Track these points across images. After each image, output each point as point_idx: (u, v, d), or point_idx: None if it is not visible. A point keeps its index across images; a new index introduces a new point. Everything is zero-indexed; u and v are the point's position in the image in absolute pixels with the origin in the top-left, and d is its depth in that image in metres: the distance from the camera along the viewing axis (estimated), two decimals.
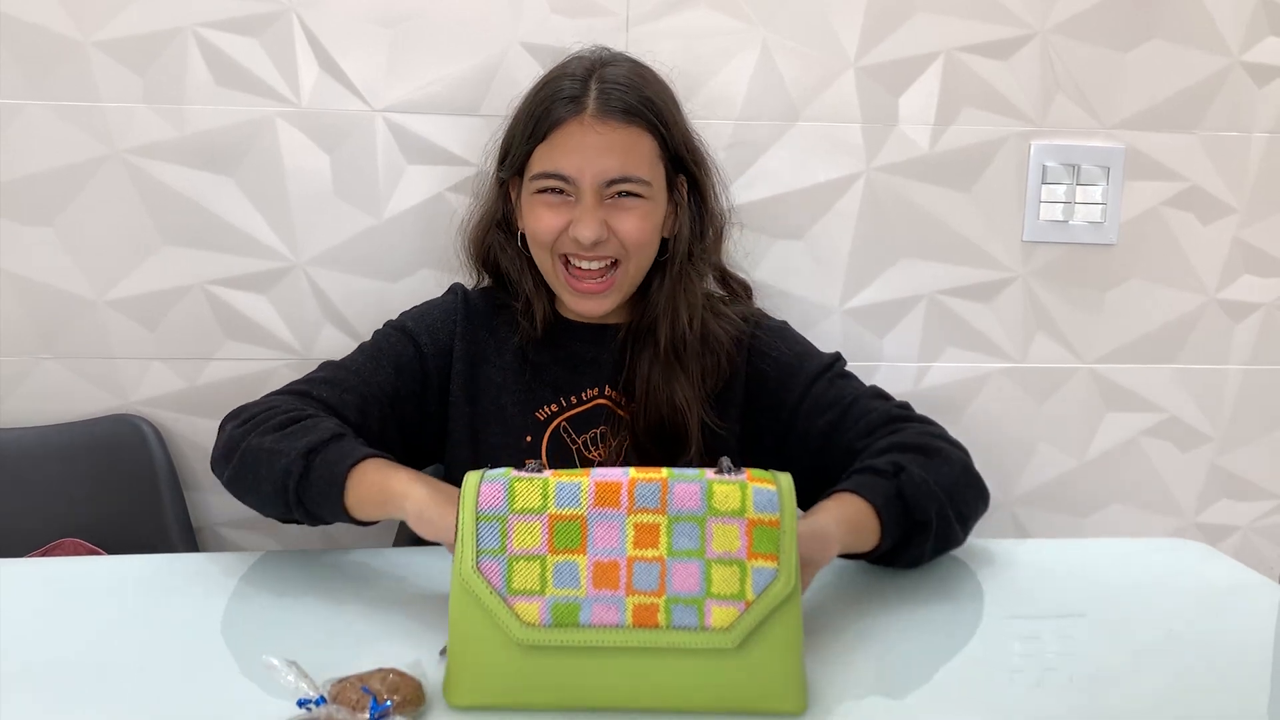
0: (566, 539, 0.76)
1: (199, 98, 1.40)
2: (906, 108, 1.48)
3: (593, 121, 1.12)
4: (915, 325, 1.53)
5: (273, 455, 1.01)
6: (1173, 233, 1.54)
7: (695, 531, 0.76)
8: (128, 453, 1.44)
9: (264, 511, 1.06)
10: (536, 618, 0.75)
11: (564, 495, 0.77)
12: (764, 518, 0.76)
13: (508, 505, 0.77)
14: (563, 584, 0.75)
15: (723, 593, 0.75)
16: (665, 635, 0.75)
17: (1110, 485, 1.61)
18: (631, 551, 0.75)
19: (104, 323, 1.45)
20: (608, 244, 1.14)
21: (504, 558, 0.76)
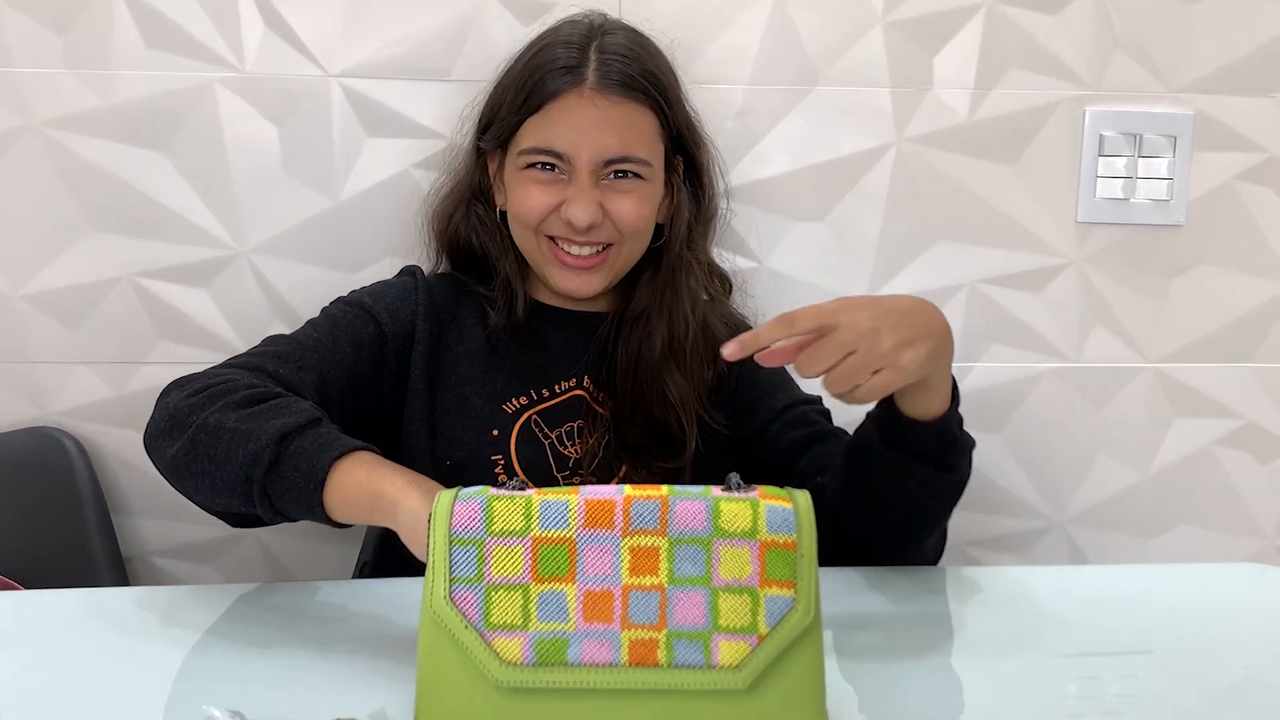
0: (553, 565, 0.75)
1: (127, 62, 1.40)
2: (942, 69, 1.48)
3: (592, 95, 1.15)
4: (954, 319, 1.51)
5: (236, 436, 0.98)
6: (1249, 211, 1.54)
7: (700, 556, 0.74)
8: (47, 470, 1.44)
9: (209, 502, 1.02)
10: (518, 656, 0.74)
11: (550, 515, 0.76)
12: (779, 539, 0.75)
13: (485, 528, 0.76)
14: (548, 617, 0.74)
15: (732, 625, 0.74)
16: (666, 675, 0.73)
17: (1179, 502, 1.61)
18: (627, 579, 0.74)
19: (19, 321, 1.44)
20: (601, 228, 1.17)
21: (481, 587, 0.75)
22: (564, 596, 0.74)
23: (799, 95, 1.47)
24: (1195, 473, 1.60)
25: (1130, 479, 1.60)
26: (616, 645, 0.74)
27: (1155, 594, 1.10)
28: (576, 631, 0.74)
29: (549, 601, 0.74)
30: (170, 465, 1.03)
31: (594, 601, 0.74)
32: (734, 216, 1.48)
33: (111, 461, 1.48)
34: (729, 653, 0.73)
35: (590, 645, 0.73)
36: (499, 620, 0.74)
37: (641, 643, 0.73)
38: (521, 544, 0.75)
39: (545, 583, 0.74)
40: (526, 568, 0.75)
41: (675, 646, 0.73)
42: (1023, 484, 1.58)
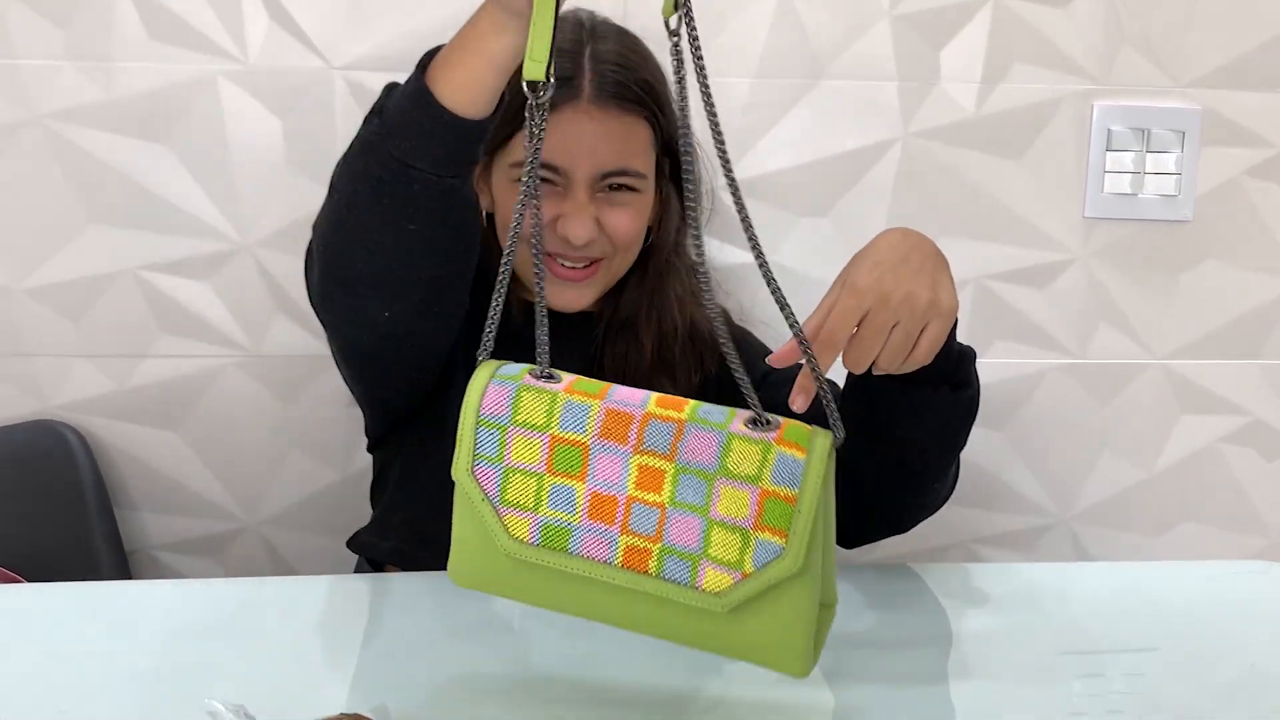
0: (566, 463, 0.79)
1: (130, 54, 1.40)
2: (949, 63, 1.47)
3: (589, 108, 1.13)
4: (959, 315, 1.53)
5: (345, 157, 0.96)
6: (1257, 207, 1.54)
7: (702, 488, 0.77)
8: (49, 464, 1.44)
9: (366, 211, 0.95)
10: (526, 534, 0.80)
11: (569, 417, 0.80)
12: (780, 491, 0.75)
13: (510, 416, 0.81)
14: (557, 506, 0.79)
15: (720, 558, 0.76)
16: (654, 583, 0.78)
17: (1185, 500, 1.61)
18: (632, 491, 0.78)
19: (20, 315, 1.45)
20: (596, 244, 1.16)
21: (501, 467, 0.80)
22: (573, 491, 0.79)
23: (804, 89, 1.47)
24: (1201, 470, 1.60)
25: (1136, 476, 1.60)
26: (614, 546, 0.78)
27: (1160, 591, 1.10)
28: (580, 525, 0.79)
29: (559, 493, 0.79)
30: (327, 245, 0.99)
31: (599, 502, 0.79)
32: None
33: (113, 455, 1.49)
34: (713, 579, 0.77)
35: (590, 540, 0.79)
36: (513, 499, 0.80)
37: (636, 549, 0.78)
38: (540, 439, 0.80)
39: (558, 476, 0.79)
40: (543, 460, 0.80)
41: (666, 560, 0.77)
42: (1027, 481, 1.58)
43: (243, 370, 1.48)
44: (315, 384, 1.49)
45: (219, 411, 1.49)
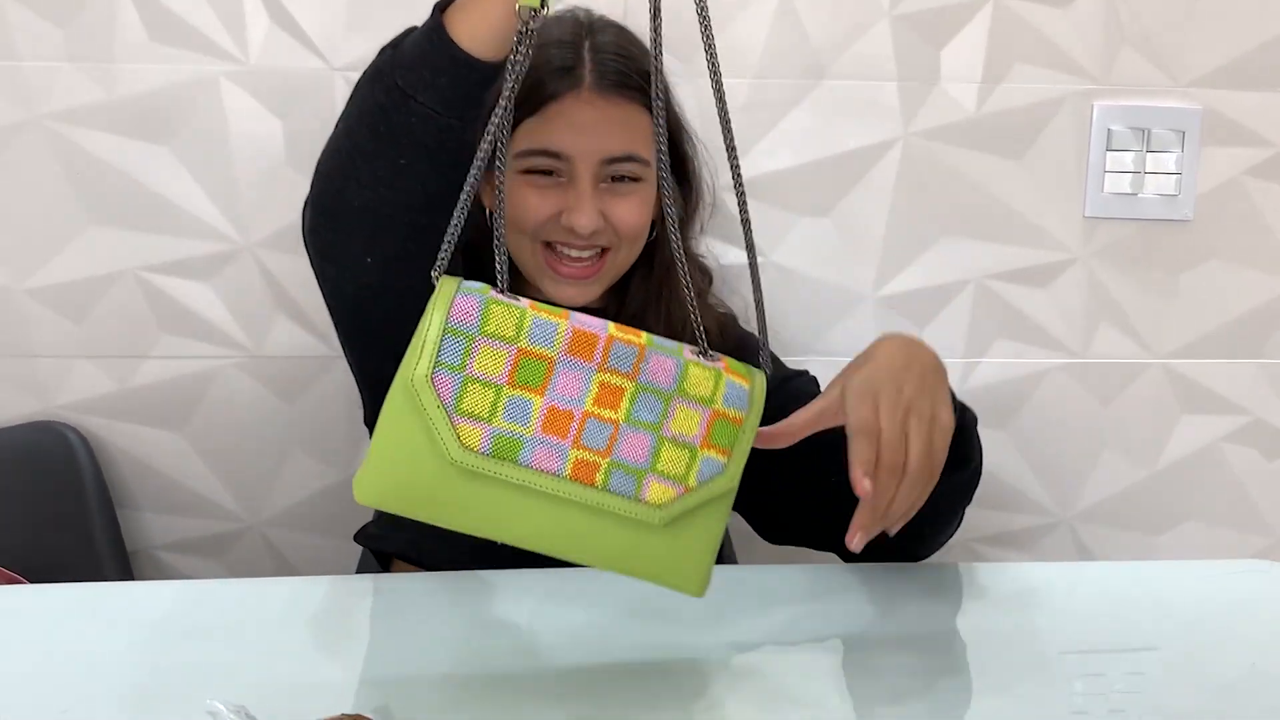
0: (529, 376, 0.82)
1: (131, 55, 1.40)
2: (949, 63, 1.48)
3: (591, 96, 1.14)
4: (961, 314, 1.54)
5: (355, 85, 1.01)
6: (1257, 207, 1.54)
7: (659, 407, 0.83)
8: (51, 465, 1.44)
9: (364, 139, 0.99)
10: (477, 443, 0.81)
11: (538, 333, 0.82)
12: (729, 412, 0.84)
13: (479, 326, 0.82)
14: (511, 418, 0.81)
15: (667, 472, 0.82)
16: (598, 495, 0.82)
17: (1186, 499, 1.61)
18: (590, 407, 0.82)
19: (22, 315, 1.45)
20: (602, 233, 1.16)
21: (461, 375, 0.81)
22: (530, 405, 0.82)
23: (805, 89, 1.47)
24: (1202, 469, 1.60)
25: (1137, 475, 1.60)
26: (564, 458, 0.82)
27: (1161, 590, 1.10)
28: (533, 437, 0.81)
29: (516, 405, 0.81)
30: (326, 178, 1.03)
31: (555, 417, 0.82)
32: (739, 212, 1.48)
33: (116, 455, 1.49)
34: (657, 493, 0.82)
35: (542, 452, 0.81)
36: (468, 408, 0.81)
37: (585, 462, 0.82)
38: (507, 350, 0.82)
39: (518, 389, 0.82)
40: (505, 372, 0.82)
41: (613, 474, 0.82)
42: (1029, 480, 1.58)
43: (244, 370, 1.48)
44: (317, 384, 1.49)
45: (221, 412, 1.49)
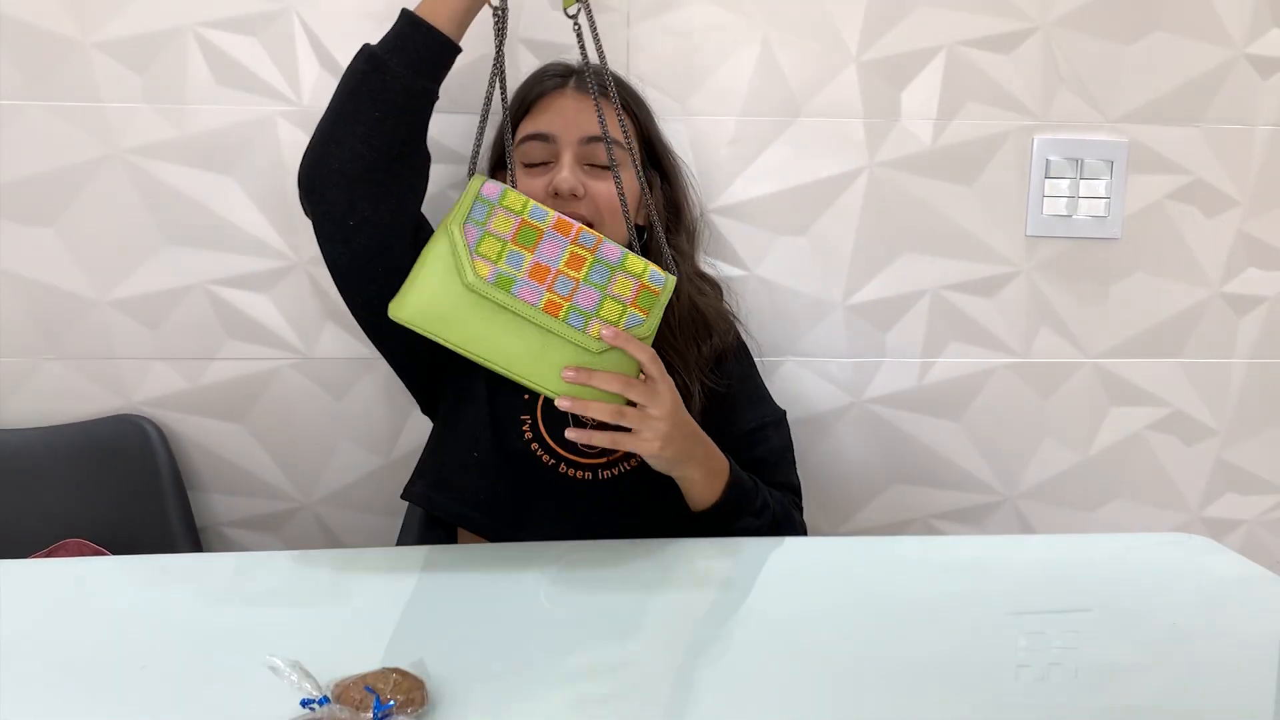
0: (525, 238, 1.04)
1: (200, 97, 1.40)
2: (909, 102, 1.47)
3: (573, 93, 1.22)
4: (919, 320, 1.53)
5: (337, 91, 1.08)
6: (1176, 226, 1.53)
7: (606, 274, 1.05)
8: (131, 453, 1.44)
9: (345, 107, 1.07)
10: (486, 273, 1.02)
11: (536, 213, 1.04)
12: (651, 286, 1.06)
13: (499, 199, 1.04)
14: (510, 263, 1.03)
15: (606, 317, 1.04)
16: (558, 325, 1.03)
17: (1115, 480, 1.60)
18: (561, 267, 1.04)
19: (106, 323, 1.45)
20: (583, 203, 1.19)
21: (482, 229, 1.03)
22: (523, 257, 1.03)
23: (783, 125, 1.47)
24: (1129, 454, 1.60)
25: (1072, 459, 1.59)
26: (540, 296, 1.03)
27: (1094, 560, 1.10)
28: (522, 279, 1.03)
29: (514, 256, 1.03)
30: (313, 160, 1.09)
31: (538, 268, 1.03)
32: (727, 232, 1.48)
33: (187, 445, 1.49)
34: (597, 330, 1.03)
35: (526, 289, 1.03)
36: (483, 251, 1.03)
37: (553, 302, 1.03)
38: (514, 218, 1.04)
39: (517, 245, 1.03)
40: (511, 232, 1.04)
41: (571, 313, 1.03)
42: (978, 464, 1.58)
43: (298, 371, 1.48)
44: (361, 383, 1.49)
45: (278, 406, 1.49)
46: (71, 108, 1.39)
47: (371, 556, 1.09)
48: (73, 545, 1.37)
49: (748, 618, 0.95)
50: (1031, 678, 0.85)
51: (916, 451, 1.57)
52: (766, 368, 1.52)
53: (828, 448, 1.55)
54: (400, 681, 0.76)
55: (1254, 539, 1.64)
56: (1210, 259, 1.55)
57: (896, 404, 1.55)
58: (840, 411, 1.55)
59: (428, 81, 1.08)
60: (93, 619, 0.92)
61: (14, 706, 0.77)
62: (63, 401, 1.45)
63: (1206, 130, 1.51)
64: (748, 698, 0.79)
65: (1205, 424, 1.60)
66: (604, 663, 0.86)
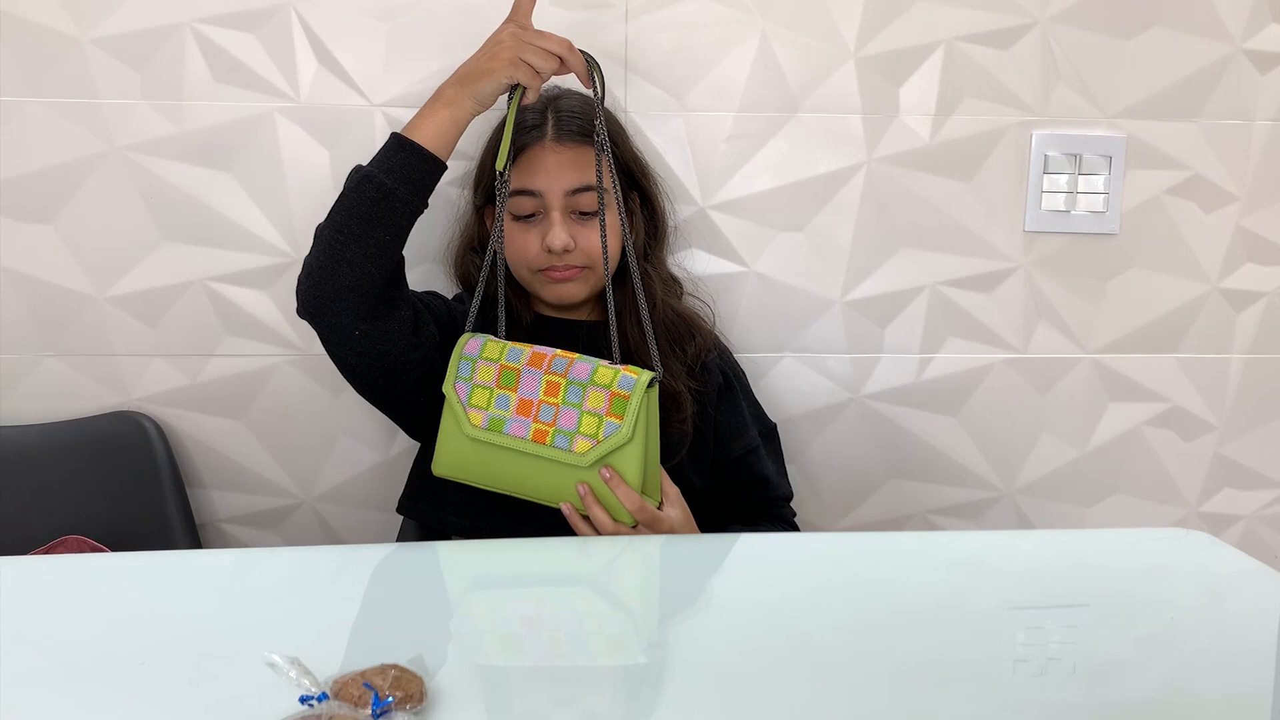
0: (506, 380, 1.16)
1: (197, 94, 1.40)
2: (907, 98, 1.47)
3: (551, 144, 1.27)
4: (917, 316, 1.53)
5: (335, 207, 1.15)
6: (1174, 222, 1.53)
7: (580, 393, 1.14)
8: (130, 449, 1.44)
9: (357, 230, 1.13)
10: (480, 422, 1.16)
11: (512, 355, 1.16)
12: (621, 392, 1.13)
13: (480, 353, 1.17)
14: (498, 407, 1.16)
15: (586, 432, 1.13)
16: (548, 450, 1.14)
17: (1113, 475, 1.60)
18: (541, 397, 1.15)
19: (105, 320, 1.45)
20: (575, 254, 1.26)
21: (470, 383, 1.17)
22: (509, 398, 1.15)
23: (781, 121, 1.47)
24: (1127, 450, 1.60)
25: (1070, 455, 1.59)
26: (527, 429, 1.15)
27: (1092, 555, 1.10)
28: (511, 417, 1.15)
29: (501, 399, 1.16)
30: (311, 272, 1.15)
31: (523, 404, 1.15)
32: (725, 228, 1.48)
33: (186, 441, 1.49)
34: (582, 445, 1.13)
35: (515, 425, 1.15)
36: (475, 403, 1.16)
37: (539, 430, 1.14)
38: (494, 366, 1.16)
39: (501, 389, 1.16)
40: (494, 379, 1.16)
41: (556, 437, 1.14)
42: (976, 459, 1.58)
43: (296, 367, 1.48)
44: None
45: (276, 403, 1.49)
46: (69, 104, 1.39)
47: (370, 553, 1.09)
48: (72, 542, 1.37)
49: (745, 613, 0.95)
50: (1029, 672, 0.85)
51: (914, 447, 1.57)
52: (764, 364, 1.52)
53: (826, 443, 1.55)
54: (399, 678, 0.76)
55: (1252, 534, 1.64)
56: (1208, 254, 1.55)
57: (895, 399, 1.55)
58: (838, 407, 1.55)
59: (425, 200, 1.17)
60: (91, 616, 0.92)
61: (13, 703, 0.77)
62: (62, 398, 1.45)
63: (1205, 126, 1.51)
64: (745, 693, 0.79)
65: (1203, 419, 1.60)
66: (602, 659, 0.86)
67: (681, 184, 1.46)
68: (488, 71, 1.16)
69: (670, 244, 1.43)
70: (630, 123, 1.43)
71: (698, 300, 1.43)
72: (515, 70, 1.16)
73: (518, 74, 1.16)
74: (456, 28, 1.40)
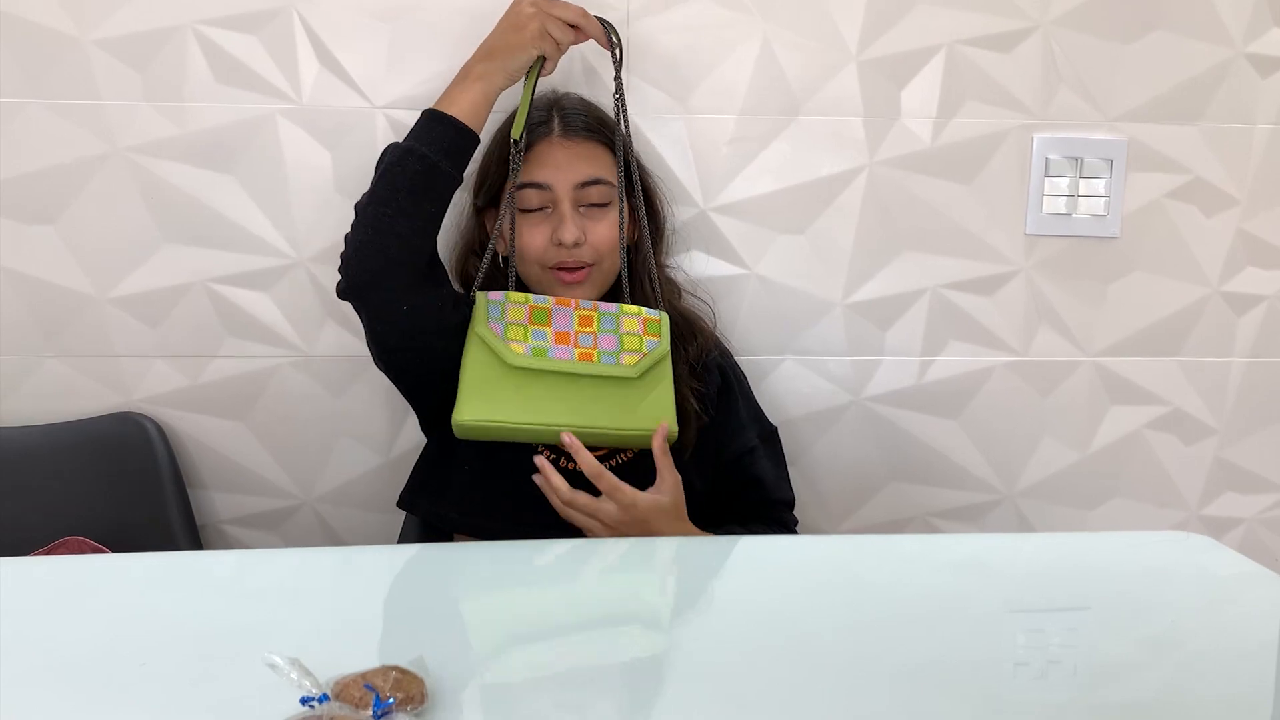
0: (539, 317, 1.23)
1: (200, 95, 1.40)
2: (909, 101, 1.47)
3: (558, 139, 1.29)
4: (918, 319, 1.53)
5: (378, 182, 1.18)
6: (1175, 225, 1.53)
7: (613, 322, 1.25)
8: (131, 451, 1.44)
9: (404, 203, 1.16)
10: (521, 350, 1.20)
11: (537, 299, 1.23)
12: (652, 318, 1.27)
13: (505, 298, 1.23)
14: (536, 338, 1.21)
15: (630, 349, 1.23)
16: (597, 366, 1.21)
17: (1114, 478, 1.60)
18: (576, 328, 1.23)
19: (106, 321, 1.45)
20: (584, 249, 1.28)
21: (502, 322, 1.22)
22: (545, 331, 1.22)
23: (783, 124, 1.47)
24: (1128, 453, 1.60)
25: (1071, 458, 1.59)
26: (572, 352, 1.22)
27: (1093, 558, 1.10)
28: (551, 345, 1.21)
29: (537, 332, 1.22)
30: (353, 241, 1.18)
31: (560, 335, 1.23)
32: (726, 230, 1.48)
33: (187, 442, 1.49)
34: (629, 360, 1.23)
35: (559, 351, 1.21)
36: (512, 336, 1.21)
37: (585, 353, 1.22)
38: (523, 306, 1.23)
39: (535, 325, 1.22)
40: (526, 316, 1.22)
41: (602, 356, 1.22)
42: (978, 462, 1.58)
43: (298, 368, 1.48)
44: (360, 380, 1.49)
45: (277, 404, 1.49)
46: (71, 105, 1.39)
47: (371, 554, 1.09)
48: (73, 543, 1.37)
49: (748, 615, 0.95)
50: (1030, 676, 0.85)
51: (916, 450, 1.57)
52: (765, 367, 1.52)
53: (827, 446, 1.55)
54: (400, 679, 0.76)
55: (1253, 537, 1.64)
56: (1209, 258, 1.55)
57: (896, 402, 1.55)
58: (839, 410, 1.55)
59: (462, 173, 1.21)
60: (92, 617, 0.92)
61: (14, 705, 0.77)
62: (63, 399, 1.45)
63: (1206, 129, 1.51)
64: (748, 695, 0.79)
65: (1204, 422, 1.60)
66: (605, 662, 0.86)
67: (683, 186, 1.46)
68: (518, 45, 1.21)
69: (668, 247, 1.43)
70: (631, 125, 1.43)
71: (698, 301, 1.43)
72: (542, 42, 1.21)
73: (546, 46, 1.21)
74: (459, 29, 1.40)
